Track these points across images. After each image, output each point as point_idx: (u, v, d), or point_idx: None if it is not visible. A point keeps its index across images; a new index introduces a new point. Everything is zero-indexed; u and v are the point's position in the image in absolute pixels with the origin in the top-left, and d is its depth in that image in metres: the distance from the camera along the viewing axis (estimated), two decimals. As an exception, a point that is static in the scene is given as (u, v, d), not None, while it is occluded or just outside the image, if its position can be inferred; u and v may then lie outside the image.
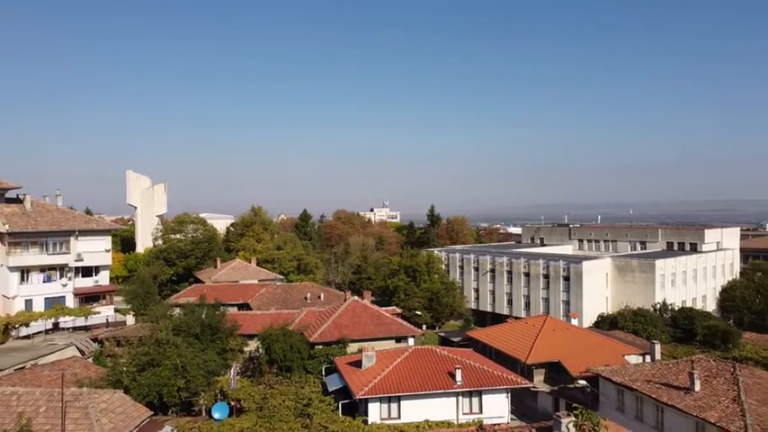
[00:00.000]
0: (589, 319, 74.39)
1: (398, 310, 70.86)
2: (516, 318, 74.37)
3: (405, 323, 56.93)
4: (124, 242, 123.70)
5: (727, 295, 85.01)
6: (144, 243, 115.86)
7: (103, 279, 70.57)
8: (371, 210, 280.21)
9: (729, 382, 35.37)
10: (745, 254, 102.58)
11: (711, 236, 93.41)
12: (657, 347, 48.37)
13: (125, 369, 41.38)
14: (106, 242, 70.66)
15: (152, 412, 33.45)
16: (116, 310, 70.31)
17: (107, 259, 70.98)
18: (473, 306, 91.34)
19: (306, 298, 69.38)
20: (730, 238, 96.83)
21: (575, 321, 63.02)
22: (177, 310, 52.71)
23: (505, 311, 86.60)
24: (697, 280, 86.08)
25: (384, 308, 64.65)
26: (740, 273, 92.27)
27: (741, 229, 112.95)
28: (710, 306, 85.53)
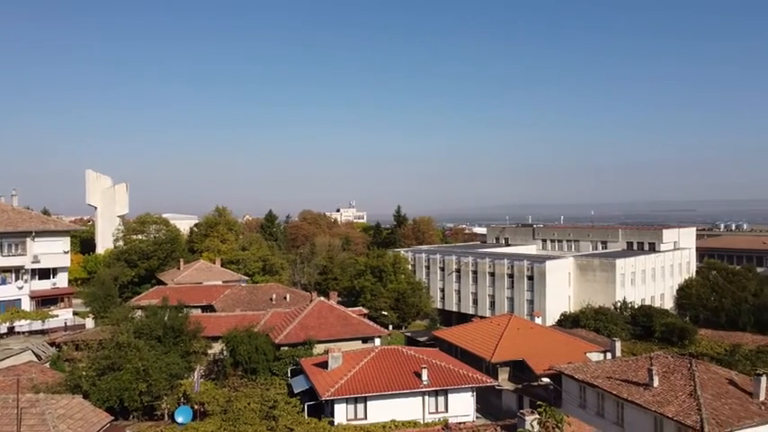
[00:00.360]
0: (552, 317, 75.67)
1: (365, 311, 70.84)
2: (481, 317, 75.20)
3: (371, 323, 56.98)
4: (83, 243, 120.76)
5: (684, 293, 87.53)
6: (104, 244, 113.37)
7: (62, 281, 68.76)
8: (338, 210, 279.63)
9: (686, 377, 36.45)
10: (701, 253, 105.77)
11: (669, 236, 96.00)
12: (618, 345, 49.49)
13: (84, 374, 40.50)
14: (64, 243, 68.83)
15: (112, 417, 32.76)
16: (75, 314, 68.59)
17: (65, 261, 69.20)
18: (439, 306, 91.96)
19: (271, 299, 68.85)
20: (687, 238, 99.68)
21: (538, 320, 64.08)
22: (139, 313, 51.71)
23: (471, 311, 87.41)
24: (655, 279, 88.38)
25: (350, 308, 64.56)
26: (696, 271, 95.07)
27: (697, 229, 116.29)
28: (668, 304, 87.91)
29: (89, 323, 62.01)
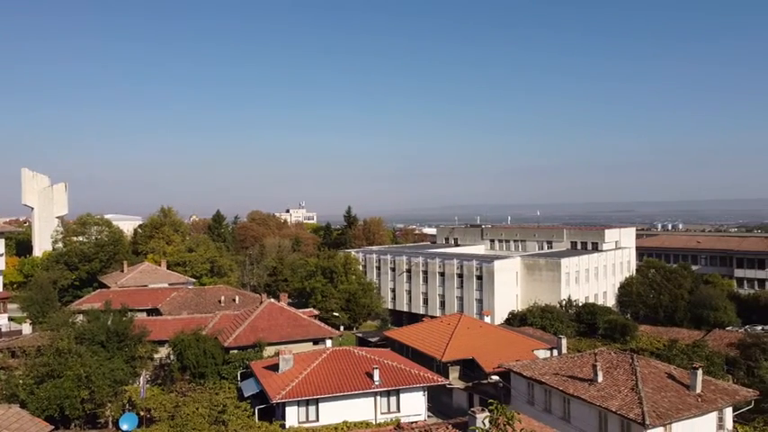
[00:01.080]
0: (501, 316, 77.13)
1: (316, 312, 70.43)
2: (432, 317, 75.89)
3: (322, 325, 56.76)
4: (19, 245, 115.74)
5: (625, 291, 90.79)
6: (42, 246, 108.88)
7: (-5, 285, 65.61)
8: (287, 211, 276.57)
9: (628, 372, 37.81)
10: (640, 252, 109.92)
11: (611, 236, 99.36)
12: (564, 342, 50.74)
13: (21, 382, 38.99)
14: (-2, 245, 65.80)
15: (52, 426, 31.39)
16: (11, 319, 65.80)
17: (-1, 264, 66.14)
18: (390, 306, 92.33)
19: (220, 301, 67.64)
20: (627, 238, 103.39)
21: (487, 319, 65.14)
22: (80, 317, 49.88)
23: (421, 311, 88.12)
24: (598, 277, 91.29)
25: (301, 310, 64.08)
26: (636, 270, 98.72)
27: (636, 229, 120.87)
28: (610, 301, 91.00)
29: (26, 329, 59.45)
